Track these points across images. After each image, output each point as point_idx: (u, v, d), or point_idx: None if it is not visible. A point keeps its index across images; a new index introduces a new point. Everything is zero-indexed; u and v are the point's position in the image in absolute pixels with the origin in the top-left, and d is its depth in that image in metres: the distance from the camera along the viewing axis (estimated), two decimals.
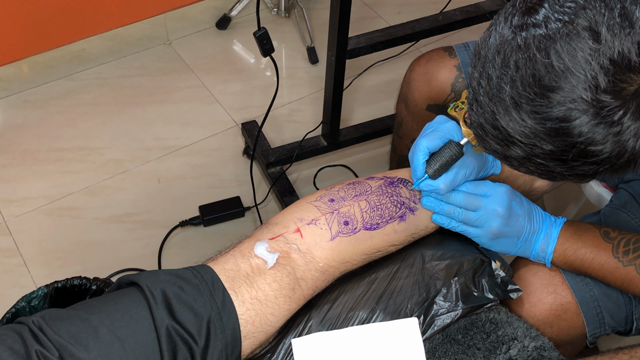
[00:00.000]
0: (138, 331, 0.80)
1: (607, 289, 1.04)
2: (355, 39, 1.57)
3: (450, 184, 0.96)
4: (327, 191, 0.99)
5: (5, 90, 2.01)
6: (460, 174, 0.97)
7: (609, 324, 1.05)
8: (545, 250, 1.01)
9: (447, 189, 0.97)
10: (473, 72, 0.78)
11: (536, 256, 1.02)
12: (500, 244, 1.00)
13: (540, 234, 1.01)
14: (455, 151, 0.95)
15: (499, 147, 0.78)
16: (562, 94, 0.68)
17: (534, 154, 0.74)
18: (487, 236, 0.99)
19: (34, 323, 0.79)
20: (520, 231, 0.99)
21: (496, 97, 0.73)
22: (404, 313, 0.96)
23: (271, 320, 0.88)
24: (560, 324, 1.04)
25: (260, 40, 1.45)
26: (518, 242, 1.00)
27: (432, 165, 0.96)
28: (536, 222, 1.00)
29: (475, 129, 0.80)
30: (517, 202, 0.99)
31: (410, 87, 1.33)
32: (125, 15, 2.03)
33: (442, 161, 0.95)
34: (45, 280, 1.44)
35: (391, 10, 2.37)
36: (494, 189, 0.98)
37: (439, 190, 0.97)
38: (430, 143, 0.96)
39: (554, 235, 1.00)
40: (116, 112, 2.01)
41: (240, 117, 2.00)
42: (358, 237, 0.95)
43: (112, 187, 1.82)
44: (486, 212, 0.97)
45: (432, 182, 0.96)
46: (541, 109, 0.70)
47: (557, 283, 1.04)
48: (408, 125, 1.37)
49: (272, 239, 0.92)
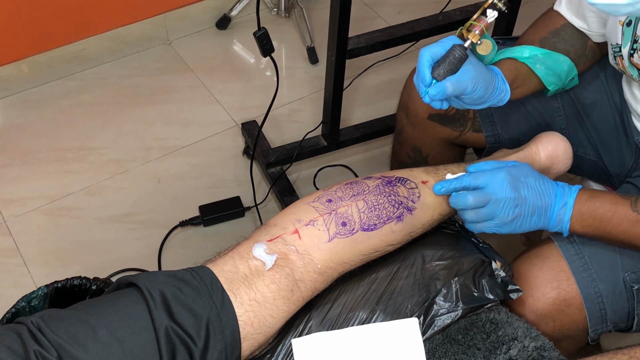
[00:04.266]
0: (137, 332, 0.80)
1: (613, 285, 1.03)
2: (355, 39, 1.57)
3: (456, 83, 0.95)
4: (325, 192, 0.98)
5: (5, 90, 2.01)
6: (466, 76, 0.95)
7: (611, 320, 1.05)
8: (562, 219, 1.01)
9: (454, 89, 0.95)
10: None
11: (554, 226, 1.02)
12: (518, 226, 1.00)
13: (555, 204, 1.00)
14: (459, 52, 0.94)
15: None
16: None
17: None
18: (504, 223, 0.99)
19: (33, 323, 0.79)
20: (533, 207, 0.99)
21: None
22: (404, 313, 0.96)
23: (270, 321, 0.88)
24: (563, 319, 1.04)
25: (260, 40, 1.45)
26: (533, 218, 1.00)
27: (436, 69, 0.95)
28: (547, 194, 1.00)
29: None
30: (521, 181, 0.99)
31: (410, 96, 1.32)
32: (125, 15, 2.03)
33: (446, 62, 0.94)
34: (45, 280, 1.43)
35: (391, 10, 2.37)
36: (492, 177, 0.98)
37: (446, 89, 0.95)
38: (432, 50, 0.95)
39: (570, 202, 1.00)
40: (116, 112, 2.00)
41: (240, 117, 2.00)
42: (355, 238, 0.95)
43: (112, 187, 1.82)
44: (495, 202, 0.98)
45: (439, 84, 0.95)
46: None
47: (561, 278, 1.04)
48: (408, 134, 1.36)
49: (270, 241, 0.92)
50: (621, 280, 1.03)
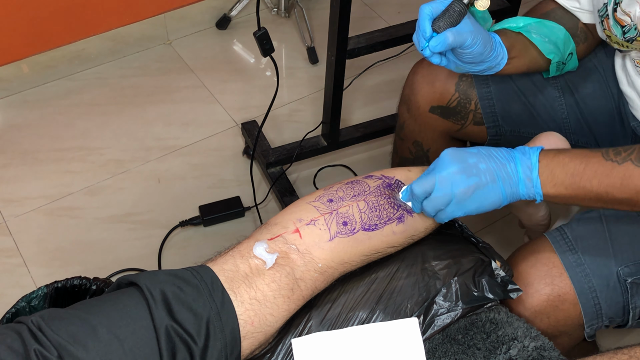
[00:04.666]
0: (137, 331, 0.80)
1: (606, 280, 1.02)
2: (355, 39, 1.57)
3: (456, 33, 0.94)
4: (326, 191, 0.99)
5: (5, 90, 2.01)
6: (465, 28, 0.95)
7: (606, 315, 1.04)
8: (531, 179, 0.93)
9: (455, 39, 0.94)
10: None
11: (526, 192, 0.94)
12: (483, 198, 0.94)
13: (517, 165, 0.94)
14: (459, 6, 0.94)
15: None
16: None
17: None
18: (464, 200, 0.93)
19: (33, 322, 0.79)
20: (490, 173, 0.93)
21: None
22: (404, 313, 0.96)
23: (270, 320, 0.88)
24: (557, 315, 1.04)
25: (260, 40, 1.45)
26: (497, 185, 0.93)
27: (436, 22, 0.95)
28: (502, 157, 0.94)
29: None
30: (466, 152, 0.94)
31: (413, 90, 1.32)
32: (125, 15, 2.03)
33: (446, 15, 0.94)
34: (45, 280, 1.43)
35: (391, 10, 2.37)
36: (436, 160, 0.95)
37: (447, 40, 0.94)
38: (433, 5, 0.95)
39: (534, 160, 0.93)
40: (116, 112, 2.01)
41: (240, 117, 2.00)
42: (357, 237, 0.95)
43: (112, 187, 1.82)
44: (441, 181, 0.92)
45: (439, 36, 0.94)
46: None
47: (555, 275, 1.03)
48: (410, 128, 1.36)
49: (271, 240, 0.92)
50: (615, 274, 1.03)
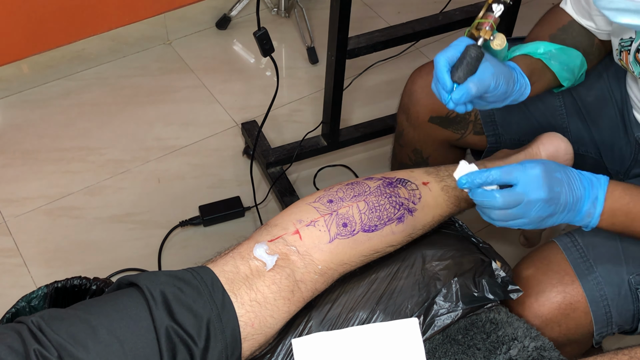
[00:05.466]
0: (137, 332, 0.80)
1: (618, 288, 1.02)
2: (355, 39, 1.57)
3: (478, 82, 0.91)
4: (326, 192, 0.98)
5: (5, 90, 2.01)
6: (487, 73, 0.92)
7: (616, 323, 1.04)
8: (591, 214, 0.93)
9: (478, 89, 0.91)
10: None
11: (581, 221, 0.95)
12: (546, 223, 0.94)
13: (584, 199, 0.93)
14: (475, 51, 0.91)
15: None
16: None
17: None
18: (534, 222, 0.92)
19: (33, 323, 0.79)
20: (565, 204, 0.92)
21: None
22: (404, 313, 0.96)
23: (270, 322, 0.88)
24: (568, 323, 1.03)
25: (260, 40, 1.45)
26: (562, 214, 0.93)
27: (455, 72, 0.92)
28: (577, 188, 0.93)
29: None
30: (554, 178, 0.91)
31: (412, 99, 1.31)
32: (125, 15, 2.03)
33: (464, 64, 0.91)
34: (45, 280, 1.43)
35: (391, 10, 2.37)
36: (525, 173, 0.89)
37: (470, 91, 0.91)
38: (447, 54, 0.92)
39: (601, 197, 0.93)
40: (116, 112, 2.00)
41: (240, 117, 2.00)
42: (356, 239, 0.95)
43: (112, 187, 1.82)
44: (527, 204, 0.89)
45: (461, 87, 0.91)
46: None
47: (566, 282, 1.03)
48: (409, 136, 1.35)
49: (271, 241, 0.92)
50: (626, 282, 1.03)
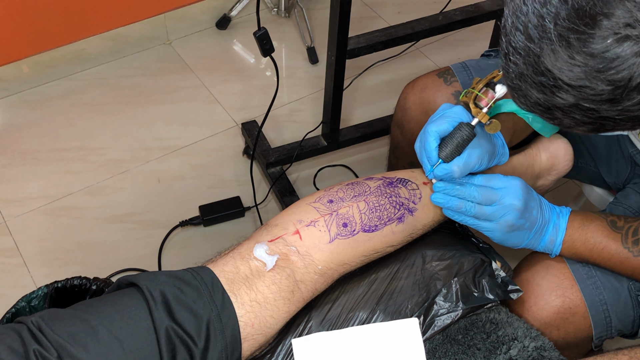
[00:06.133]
0: (137, 332, 0.80)
1: (617, 293, 1.03)
2: (355, 39, 1.57)
3: (463, 166, 0.93)
4: (326, 192, 0.98)
5: (5, 90, 2.01)
6: (473, 157, 0.94)
7: (615, 327, 1.04)
8: (554, 241, 0.99)
9: (461, 172, 0.94)
10: (506, 17, 0.71)
11: (544, 247, 1.01)
12: (513, 237, 0.98)
13: (549, 225, 0.99)
14: (467, 132, 0.92)
15: (542, 95, 0.71)
16: (614, 20, 0.62)
17: (584, 97, 0.68)
18: (501, 230, 0.96)
19: (33, 323, 0.79)
20: (534, 223, 0.97)
21: (539, 37, 0.67)
22: (404, 313, 0.96)
23: (270, 322, 0.88)
24: (567, 327, 1.03)
25: (260, 40, 1.45)
26: (530, 234, 0.98)
27: (444, 149, 0.93)
28: (546, 212, 0.99)
29: (513, 81, 0.73)
30: (530, 194, 0.97)
31: (405, 115, 1.31)
32: (125, 15, 2.03)
33: (454, 143, 0.92)
34: (45, 280, 1.43)
35: (391, 10, 2.37)
36: (507, 182, 0.95)
37: (453, 174, 0.93)
38: (439, 127, 0.93)
39: (562, 225, 0.99)
40: (116, 112, 2.01)
41: (240, 117, 2.00)
42: (356, 239, 0.94)
43: (112, 187, 1.82)
44: (502, 206, 0.94)
45: (446, 166, 0.93)
46: (592, 42, 0.64)
47: (566, 286, 1.03)
48: (404, 150, 1.35)
49: (271, 241, 0.92)
50: (626, 288, 1.03)
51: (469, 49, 2.23)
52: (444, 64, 2.16)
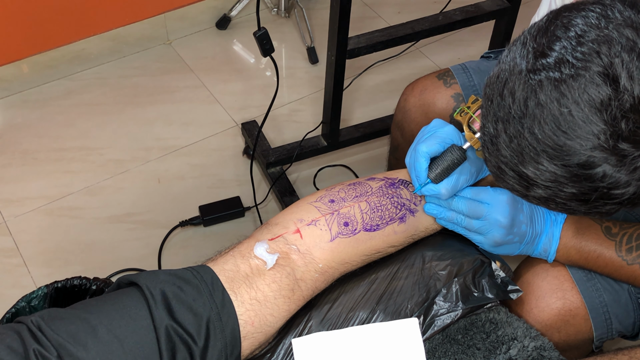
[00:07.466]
0: (137, 331, 0.80)
1: (617, 295, 1.03)
2: (355, 39, 1.57)
3: (451, 189, 0.95)
4: (327, 192, 0.98)
5: (5, 90, 2.01)
6: (461, 179, 0.96)
7: (616, 329, 1.04)
8: (547, 250, 1.00)
9: (449, 194, 0.95)
10: (486, 117, 0.77)
11: (538, 255, 1.02)
12: (502, 249, 0.99)
13: (542, 235, 1.00)
14: (458, 156, 0.93)
15: (519, 187, 0.77)
16: (581, 142, 0.69)
17: (556, 195, 0.74)
18: (489, 244, 0.98)
19: (33, 322, 0.79)
20: (524, 237, 0.98)
21: (515, 147, 0.73)
22: (404, 313, 0.96)
23: (270, 321, 0.88)
24: (568, 329, 1.03)
25: (260, 40, 1.45)
26: (521, 246, 0.99)
27: (433, 169, 0.94)
28: (538, 224, 0.99)
29: (493, 168, 0.79)
30: (519, 209, 0.97)
31: (405, 117, 1.31)
32: (125, 15, 2.03)
33: (444, 166, 0.93)
34: (45, 280, 1.43)
35: (391, 10, 2.37)
36: (495, 197, 0.96)
37: (440, 196, 0.95)
38: (430, 148, 0.94)
39: (556, 234, 0.99)
40: (116, 112, 2.01)
41: (240, 117, 2.00)
42: (358, 238, 0.95)
43: (112, 187, 1.82)
44: (488, 222, 0.95)
45: (434, 187, 0.95)
46: (563, 157, 0.70)
47: (566, 288, 1.03)
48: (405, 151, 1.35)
49: (271, 240, 0.92)
50: (626, 290, 1.03)
51: (469, 49, 2.23)
52: (444, 64, 2.16)
